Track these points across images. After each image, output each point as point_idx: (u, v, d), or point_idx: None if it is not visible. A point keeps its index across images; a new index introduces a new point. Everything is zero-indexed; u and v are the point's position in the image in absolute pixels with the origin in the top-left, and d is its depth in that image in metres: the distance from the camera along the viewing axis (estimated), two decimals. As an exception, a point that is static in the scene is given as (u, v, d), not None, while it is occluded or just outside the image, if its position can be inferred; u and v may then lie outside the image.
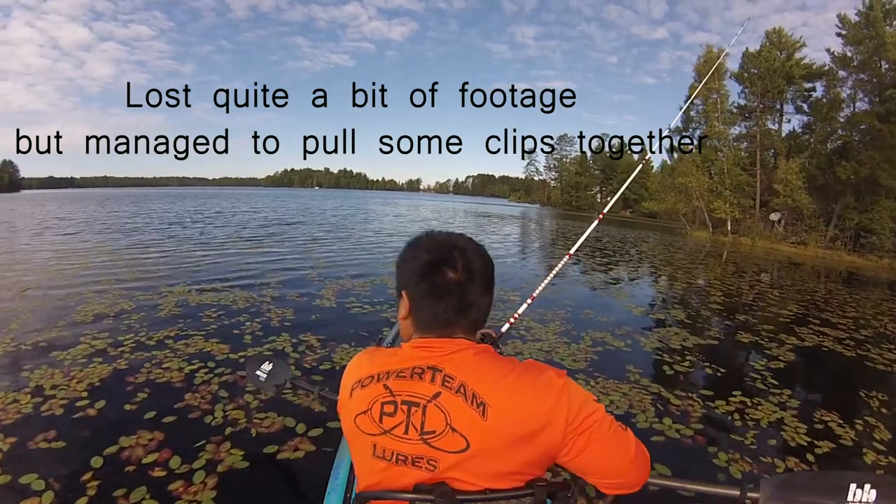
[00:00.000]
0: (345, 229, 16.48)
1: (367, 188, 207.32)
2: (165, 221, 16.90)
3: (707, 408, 3.36)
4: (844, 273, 16.26)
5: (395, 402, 0.84)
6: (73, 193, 58.74)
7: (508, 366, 0.85)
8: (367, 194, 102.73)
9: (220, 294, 5.94)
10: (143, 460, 2.43)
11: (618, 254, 14.35)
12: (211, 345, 4.14)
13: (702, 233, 30.38)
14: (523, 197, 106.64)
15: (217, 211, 24.09)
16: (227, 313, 5.10)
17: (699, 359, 4.47)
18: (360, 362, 0.94)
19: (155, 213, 21.60)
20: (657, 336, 5.06)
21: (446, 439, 0.80)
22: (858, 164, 22.57)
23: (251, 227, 15.66)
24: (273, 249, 10.36)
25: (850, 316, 7.51)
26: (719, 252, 19.31)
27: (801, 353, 5.01)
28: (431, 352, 0.87)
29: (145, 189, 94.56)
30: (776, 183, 26.36)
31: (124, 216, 19.39)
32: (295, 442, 2.66)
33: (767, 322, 6.31)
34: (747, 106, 29.60)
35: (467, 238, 0.95)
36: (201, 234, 13.13)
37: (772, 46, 28.30)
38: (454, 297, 0.87)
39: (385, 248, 11.64)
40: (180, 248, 9.91)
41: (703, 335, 5.30)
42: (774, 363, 4.55)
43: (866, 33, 23.13)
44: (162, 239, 11.53)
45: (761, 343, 5.25)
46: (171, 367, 3.65)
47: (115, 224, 15.65)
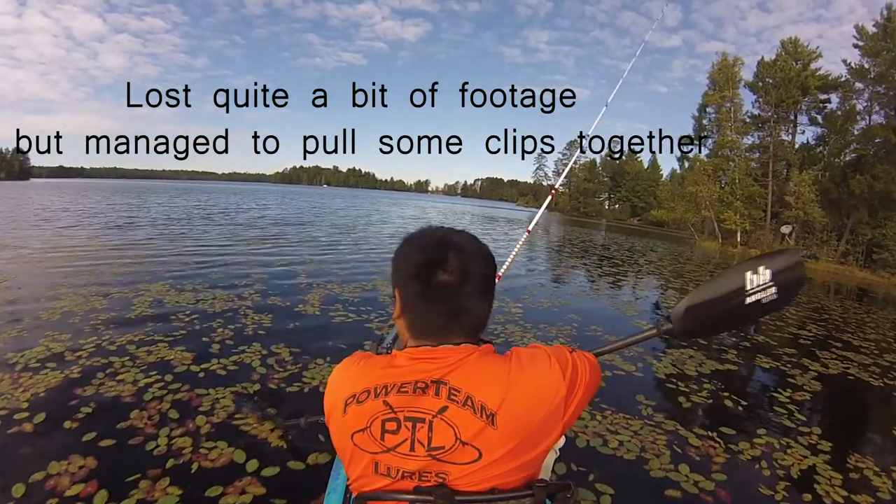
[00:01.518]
0: (344, 229, 16.07)
1: (375, 188, 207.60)
2: (165, 217, 16.49)
3: (730, 451, 2.91)
4: (857, 289, 15.80)
5: (397, 420, 0.81)
6: (81, 184, 58.39)
7: (510, 366, 0.83)
8: (375, 194, 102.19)
9: (200, 294, 5.54)
10: (66, 492, 2.07)
11: (626, 263, 13.89)
12: (174, 353, 3.74)
13: (711, 243, 29.87)
14: (531, 201, 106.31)
15: (223, 208, 23.70)
16: (201, 317, 4.70)
17: (718, 388, 4.00)
18: (350, 373, 0.89)
19: (157, 207, 21.22)
20: (670, 359, 4.59)
21: (457, 453, 0.78)
22: (873, 179, 22.14)
23: (248, 226, 15.30)
24: (266, 248, 9.92)
25: (871, 339, 7.06)
26: (728, 264, 18.80)
27: (826, 382, 4.55)
28: (433, 363, 0.83)
29: (153, 181, 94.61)
30: (788, 195, 25.91)
31: (124, 210, 19.06)
32: (243, 483, 2.23)
33: (787, 344, 5.85)
34: (761, 116, 29.18)
35: (468, 236, 0.91)
36: (197, 231, 12.72)
37: (787, 56, 27.90)
38: (446, 303, 0.84)
39: (383, 249, 11.18)
40: (170, 246, 9.49)
41: (720, 359, 4.83)
42: (800, 394, 4.11)
43: (884, 45, 22.71)
44: (153, 236, 11.10)
45: (783, 369, 4.80)
46: (126, 378, 3.27)
47: (111, 218, 15.28)
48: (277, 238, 11.99)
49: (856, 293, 14.47)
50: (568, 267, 11.90)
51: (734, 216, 28.37)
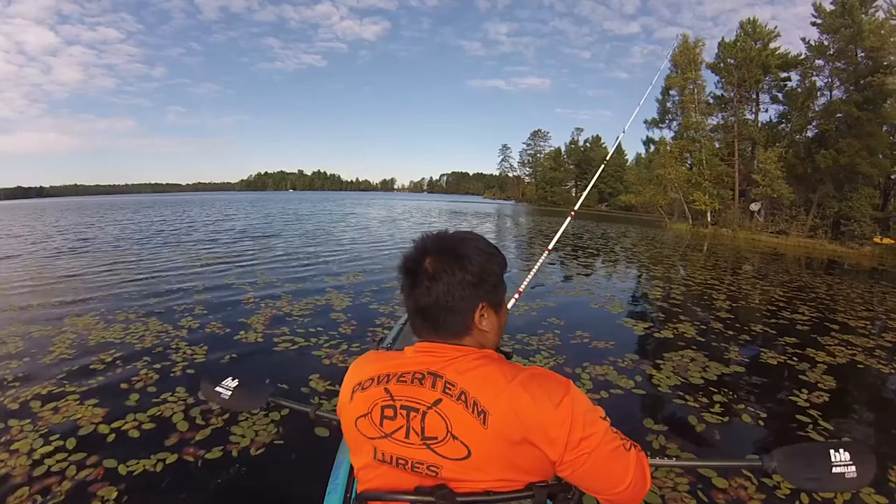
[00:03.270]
0: (304, 236, 15.19)
1: (341, 189, 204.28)
2: (115, 238, 15.34)
3: (763, 487, 2.38)
4: (829, 262, 16.06)
5: (394, 407, 0.83)
6: (38, 204, 54.21)
7: (511, 373, 0.82)
8: (342, 196, 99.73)
9: (130, 327, 4.79)
10: None
11: (601, 252, 13.49)
12: (84, 410, 3.06)
13: (681, 225, 29.98)
14: (498, 194, 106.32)
15: (182, 222, 22.49)
16: (126, 356, 3.99)
17: (730, 399, 3.49)
18: (362, 364, 0.93)
19: (113, 226, 19.92)
20: (671, 366, 4.06)
21: (448, 446, 0.79)
22: (838, 153, 22.45)
23: (202, 241, 14.33)
24: (217, 265, 8.93)
25: (864, 316, 6.80)
26: (701, 245, 18.73)
27: (838, 376, 4.13)
28: (433, 356, 0.85)
29: (116, 197, 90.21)
30: (755, 173, 26.12)
31: (73, 231, 17.70)
32: None
33: (786, 332, 5.45)
34: (724, 96, 29.35)
35: (455, 240, 0.90)
36: (148, 251, 11.70)
37: (746, 36, 28.08)
38: (422, 314, 0.87)
39: (343, 257, 10.36)
40: (113, 270, 8.57)
41: (724, 359, 4.34)
42: (817, 395, 3.66)
43: (842, 21, 22.98)
44: (98, 260, 10.13)
45: (791, 364, 4.35)
46: (21, 448, 2.64)
47: (58, 242, 14.03)
48: (231, 252, 10.97)
49: (832, 266, 14.65)
50: (541, 255, 11.26)
51: (703, 196, 28.49)
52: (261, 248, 11.57)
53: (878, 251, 20.37)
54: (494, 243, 0.91)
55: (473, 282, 0.85)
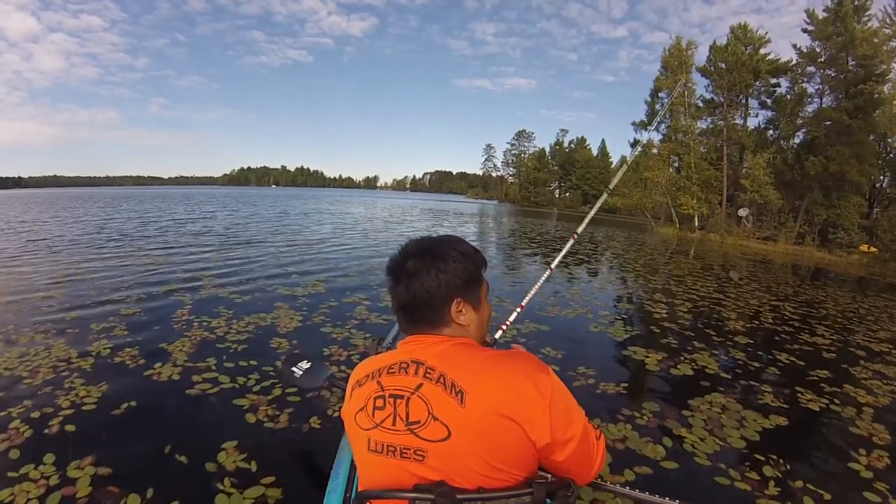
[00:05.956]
0: (275, 234, 14.15)
1: (324, 185, 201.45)
2: (72, 239, 14.21)
3: None
4: (817, 270, 15.85)
5: (384, 397, 0.87)
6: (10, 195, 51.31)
7: (488, 354, 0.87)
8: (324, 192, 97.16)
9: (30, 351, 3.71)
10: None
11: (591, 258, 12.71)
12: None
13: (668, 229, 29.59)
14: (481, 193, 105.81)
15: (152, 217, 21.14)
16: (6, 399, 2.94)
17: (784, 473, 2.64)
18: (362, 365, 0.98)
19: (80, 223, 18.65)
20: (701, 420, 3.18)
21: (429, 428, 0.81)
22: (827, 160, 22.24)
23: (159, 236, 13.21)
24: (163, 268, 7.63)
25: (883, 338, 6.21)
26: (688, 250, 18.15)
27: (889, 424, 3.39)
28: (416, 345, 0.91)
29: (95, 189, 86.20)
30: (743, 178, 25.79)
31: (27, 228, 16.48)
32: None
33: (815, 363, 4.70)
34: (714, 100, 29.02)
35: (432, 242, 0.97)
36: (95, 252, 10.58)
37: (737, 41, 27.79)
38: (404, 310, 0.94)
39: (309, 263, 9.30)
40: (52, 275, 7.59)
41: (758, 405, 3.49)
42: (876, 455, 2.91)
43: (834, 29, 22.76)
44: (36, 266, 9.11)
45: (834, 409, 3.57)
46: None
47: (8, 243, 12.90)
48: (188, 252, 9.65)
49: (816, 274, 14.56)
50: (528, 268, 10.37)
51: (691, 201, 28.10)
52: (220, 246, 10.36)
53: (865, 260, 20.18)
54: (475, 245, 0.99)
55: (447, 279, 0.92)
